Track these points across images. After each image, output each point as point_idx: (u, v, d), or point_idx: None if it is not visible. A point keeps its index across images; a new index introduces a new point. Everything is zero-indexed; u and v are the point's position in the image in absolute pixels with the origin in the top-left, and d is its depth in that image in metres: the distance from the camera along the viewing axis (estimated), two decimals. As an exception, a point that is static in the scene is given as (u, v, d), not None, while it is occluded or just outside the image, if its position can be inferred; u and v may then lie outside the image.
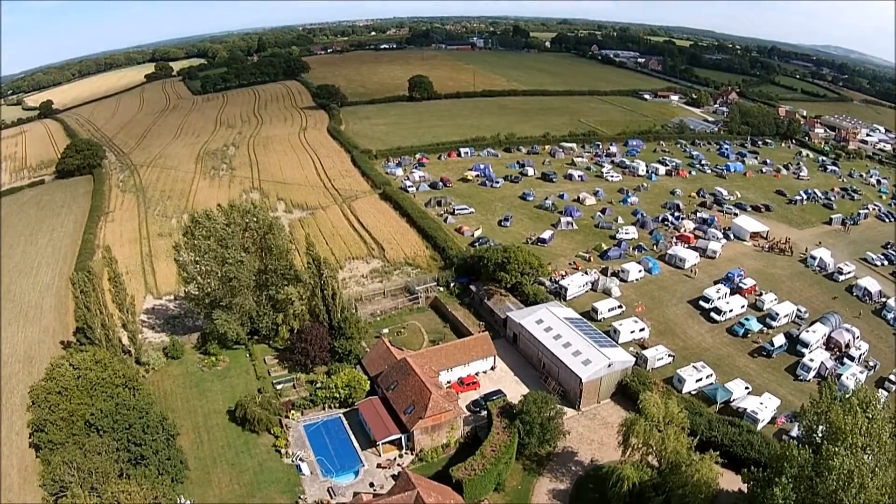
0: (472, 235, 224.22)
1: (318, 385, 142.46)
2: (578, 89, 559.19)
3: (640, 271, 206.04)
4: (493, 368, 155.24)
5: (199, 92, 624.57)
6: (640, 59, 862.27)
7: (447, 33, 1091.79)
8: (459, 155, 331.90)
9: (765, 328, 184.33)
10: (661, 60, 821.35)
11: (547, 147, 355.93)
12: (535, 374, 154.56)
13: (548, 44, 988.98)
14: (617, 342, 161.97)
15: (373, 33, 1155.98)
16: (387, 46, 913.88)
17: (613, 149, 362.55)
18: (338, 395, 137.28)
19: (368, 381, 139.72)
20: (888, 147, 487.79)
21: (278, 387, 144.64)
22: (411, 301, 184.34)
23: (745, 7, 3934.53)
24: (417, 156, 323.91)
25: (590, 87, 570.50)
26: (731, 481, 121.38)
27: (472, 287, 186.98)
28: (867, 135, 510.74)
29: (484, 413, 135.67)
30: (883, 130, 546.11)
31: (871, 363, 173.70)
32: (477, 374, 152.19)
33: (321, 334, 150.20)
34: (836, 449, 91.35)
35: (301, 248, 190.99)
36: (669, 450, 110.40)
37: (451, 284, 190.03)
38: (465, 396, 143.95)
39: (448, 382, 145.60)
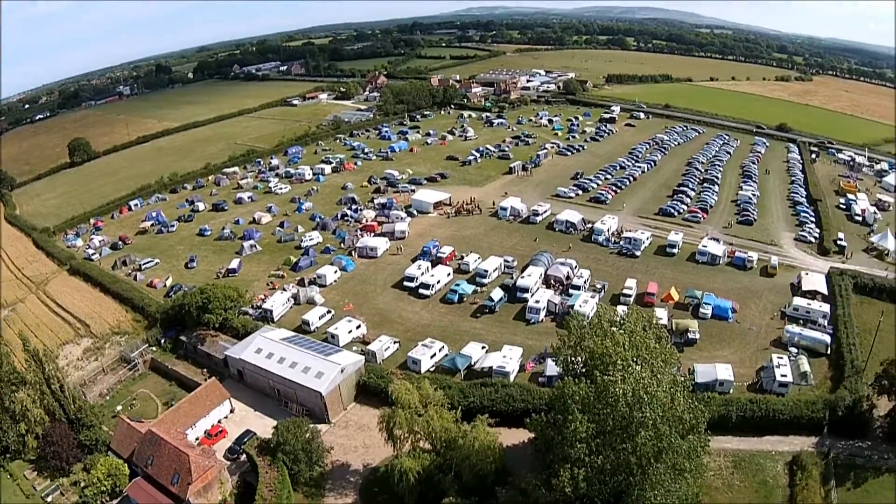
0: (165, 286, 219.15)
1: (83, 484, 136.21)
2: (228, 112, 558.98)
3: (335, 272, 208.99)
4: (232, 411, 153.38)
5: None
6: (282, 68, 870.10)
7: (94, 88, 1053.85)
8: (130, 209, 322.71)
9: (478, 287, 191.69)
10: (304, 63, 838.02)
11: (211, 177, 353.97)
12: (274, 404, 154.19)
13: (190, 74, 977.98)
14: (339, 346, 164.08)
15: (27, 106, 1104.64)
16: (42, 116, 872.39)
17: (275, 161, 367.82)
18: (105, 488, 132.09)
19: (126, 464, 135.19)
20: (552, 87, 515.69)
21: (48, 499, 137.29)
22: (131, 370, 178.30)
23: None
24: (92, 220, 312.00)
25: (238, 108, 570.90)
26: (510, 436, 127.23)
27: (183, 337, 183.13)
28: (528, 81, 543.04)
29: (244, 457, 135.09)
30: (543, 73, 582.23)
31: (599, 286, 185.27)
32: (220, 421, 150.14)
33: (64, 432, 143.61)
34: (613, 376, 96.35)
35: (14, 349, 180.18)
36: (438, 429, 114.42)
37: (162, 341, 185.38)
38: (219, 447, 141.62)
39: (197, 439, 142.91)
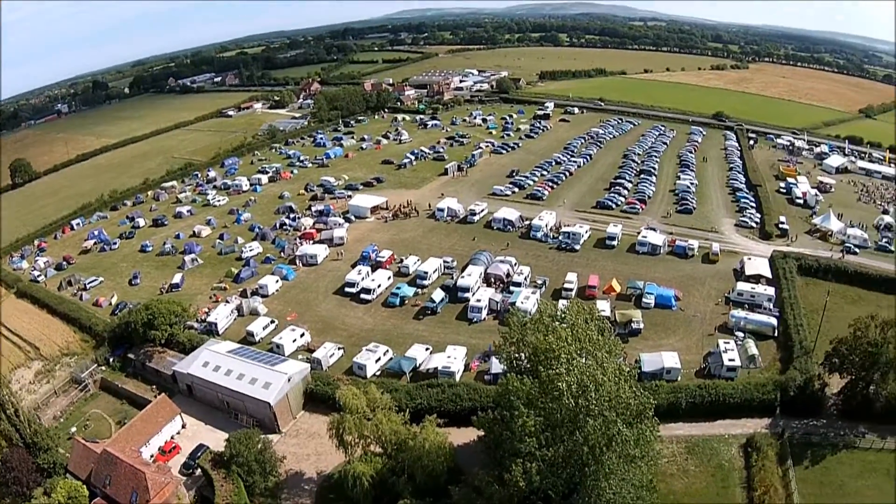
0: (111, 304, 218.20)
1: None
2: (165, 126, 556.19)
3: (277, 281, 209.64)
4: (184, 427, 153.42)
5: None
6: (216, 79, 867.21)
7: (33, 108, 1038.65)
8: (73, 228, 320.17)
9: (419, 290, 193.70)
10: (238, 73, 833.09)
11: (150, 193, 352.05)
12: (224, 417, 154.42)
13: (127, 89, 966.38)
14: (285, 355, 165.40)
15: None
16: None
17: (212, 173, 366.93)
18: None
19: (84, 486, 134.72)
20: (485, 86, 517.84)
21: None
22: (83, 391, 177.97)
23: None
24: (36, 242, 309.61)
25: (174, 121, 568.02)
26: (460, 435, 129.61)
27: (131, 355, 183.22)
28: (461, 81, 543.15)
29: (199, 472, 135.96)
30: (476, 73, 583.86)
31: (540, 281, 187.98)
32: (172, 437, 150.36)
33: (23, 457, 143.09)
34: (557, 370, 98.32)
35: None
36: (388, 432, 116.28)
37: (111, 360, 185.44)
38: (174, 463, 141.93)
39: (152, 456, 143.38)
